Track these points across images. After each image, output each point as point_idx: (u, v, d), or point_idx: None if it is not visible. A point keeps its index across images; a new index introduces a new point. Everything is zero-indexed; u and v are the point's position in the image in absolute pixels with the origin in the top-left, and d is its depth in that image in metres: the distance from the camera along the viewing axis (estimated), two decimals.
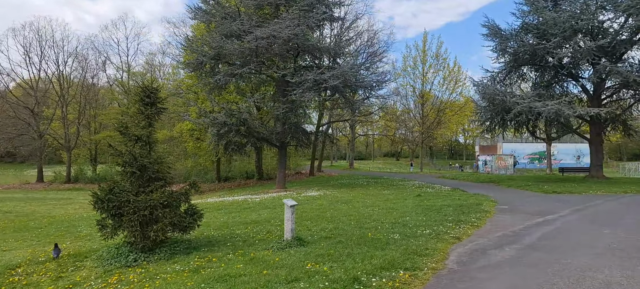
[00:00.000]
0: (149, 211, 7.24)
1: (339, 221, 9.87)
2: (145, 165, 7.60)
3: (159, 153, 8.14)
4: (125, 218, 7.15)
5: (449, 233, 7.61)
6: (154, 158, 7.89)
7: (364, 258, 5.57)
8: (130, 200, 7.23)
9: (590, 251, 6.21)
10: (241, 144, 23.37)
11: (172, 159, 34.26)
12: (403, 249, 6.13)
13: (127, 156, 7.54)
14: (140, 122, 8.00)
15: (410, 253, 5.84)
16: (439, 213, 10.64)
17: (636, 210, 11.51)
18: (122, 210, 7.22)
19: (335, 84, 20.45)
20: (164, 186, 7.90)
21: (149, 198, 7.32)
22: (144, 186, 7.64)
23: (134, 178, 7.61)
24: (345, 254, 5.88)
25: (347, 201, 15.32)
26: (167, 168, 8.17)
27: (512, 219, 9.83)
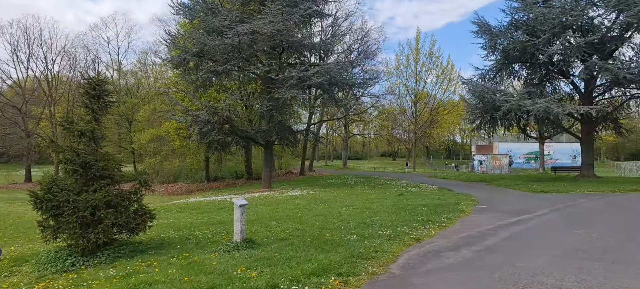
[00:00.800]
0: (89, 212, 6.82)
1: (305, 221, 9.46)
2: (89, 162, 7.18)
3: (106, 149, 7.72)
4: (63, 219, 6.73)
5: (411, 234, 7.20)
6: (100, 155, 7.48)
7: (302, 261, 5.16)
8: (69, 199, 6.81)
9: (551, 252, 5.80)
10: (225, 143, 22.96)
11: (160, 158, 33.91)
12: (350, 252, 5.72)
13: (68, 152, 7.11)
14: (85, 116, 7.58)
15: (355, 256, 5.43)
16: (411, 213, 10.23)
17: (617, 209, 11.11)
18: (61, 210, 6.81)
19: (319, 82, 20.04)
20: (110, 185, 7.47)
21: (91, 198, 6.90)
22: (88, 184, 7.22)
23: (76, 176, 7.19)
24: (286, 258, 5.47)
25: (326, 201, 14.92)
26: (116, 166, 7.75)
27: (486, 219, 9.42)
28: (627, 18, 21.05)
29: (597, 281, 4.50)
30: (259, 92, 24.94)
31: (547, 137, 34.22)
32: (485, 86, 24.55)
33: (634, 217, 9.54)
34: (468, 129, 36.65)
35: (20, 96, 38.94)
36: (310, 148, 38.85)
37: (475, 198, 14.66)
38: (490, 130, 26.06)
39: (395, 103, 45.62)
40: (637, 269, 4.99)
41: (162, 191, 33.82)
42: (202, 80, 23.10)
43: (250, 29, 20.15)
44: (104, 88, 7.70)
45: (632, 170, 48.74)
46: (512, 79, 28.24)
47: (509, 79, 27.29)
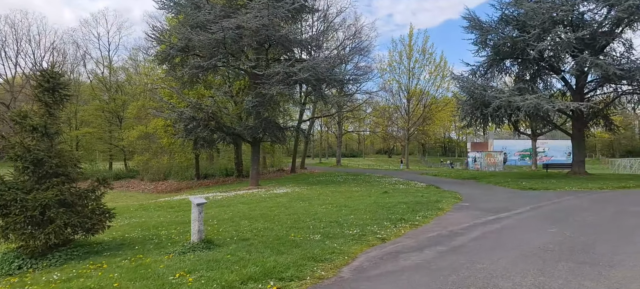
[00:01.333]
0: (39, 211, 6.50)
1: (277, 220, 9.17)
2: (41, 158, 6.85)
3: (62, 146, 7.39)
4: (10, 219, 6.40)
5: (378, 234, 6.91)
6: (54, 152, 7.14)
7: (248, 264, 4.87)
8: (17, 198, 6.49)
9: (517, 252, 5.53)
10: (211, 140, 22.62)
11: (149, 156, 33.54)
12: (305, 253, 5.43)
13: (18, 148, 6.78)
14: (38, 110, 7.24)
15: (308, 258, 5.13)
16: (388, 211, 9.95)
17: (600, 206, 10.85)
18: (9, 210, 6.48)
19: (305, 77, 19.71)
20: (65, 184, 7.14)
21: (41, 197, 6.58)
22: (40, 182, 6.89)
23: (28, 174, 6.87)
24: (235, 260, 5.18)
25: (308, 199, 14.62)
26: (72, 163, 7.42)
27: (463, 217, 9.14)
28: (617, 13, 20.79)
29: (557, 285, 4.22)
30: (246, 88, 24.61)
31: (540, 133, 34.01)
32: (475, 82, 24.29)
33: (613, 215, 9.27)
34: (458, 126, 36.39)
35: (8, 93, 38.47)
36: (302, 145, 38.55)
37: (459, 196, 14.40)
38: (480, 127, 25.80)
39: (388, 101, 45.37)
40: (601, 271, 4.71)
41: (151, 189, 33.51)
42: (189, 76, 22.75)
43: (235, 24, 19.80)
44: (58, 81, 7.37)
45: (626, 167, 48.62)
46: (503, 75, 28.00)
47: (500, 75, 27.03)
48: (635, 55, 24.36)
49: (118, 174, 40.58)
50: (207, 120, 21.13)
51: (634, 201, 12.14)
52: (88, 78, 44.80)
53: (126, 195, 30.77)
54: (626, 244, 6.11)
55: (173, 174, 36.20)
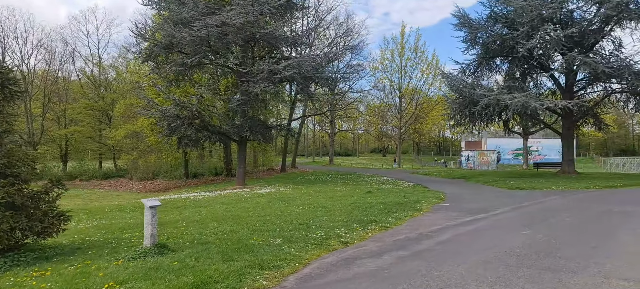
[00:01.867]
0: None
1: (246, 222, 8.86)
2: None
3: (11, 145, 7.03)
4: None
5: (343, 237, 6.61)
6: (3, 152, 6.79)
7: (187, 274, 4.56)
8: None
9: (480, 258, 5.24)
10: (196, 139, 22.26)
11: (136, 155, 33.12)
12: (256, 259, 5.13)
13: None
14: None
15: (255, 265, 4.83)
16: (364, 212, 9.67)
17: (582, 207, 10.61)
18: None
19: (289, 75, 19.39)
20: (15, 185, 6.79)
21: None
22: None
23: None
24: (179, 268, 4.87)
25: (288, 199, 14.31)
26: (25, 163, 7.06)
27: (439, 218, 8.87)
28: (606, 10, 20.59)
29: None
30: (233, 86, 24.26)
31: (531, 132, 33.85)
32: (463, 80, 24.05)
33: (593, 216, 9.03)
34: (444, 124, 36.17)
35: None
36: (292, 144, 38.24)
37: (443, 196, 14.15)
38: (469, 126, 25.57)
39: (381, 99, 45.11)
40: (562, 277, 4.44)
41: (139, 188, 33.11)
42: (174, 73, 22.39)
43: (219, 21, 19.45)
44: (7, 77, 7.01)
45: (618, 166, 48.64)
46: (494, 74, 27.73)
47: (491, 74, 26.78)
48: (624, 53, 24.23)
49: (107, 173, 40.13)
50: (191, 119, 20.77)
51: (618, 201, 11.91)
52: (77, 76, 44.24)
53: (112, 194, 30.36)
54: (597, 248, 5.85)
55: (162, 173, 35.79)
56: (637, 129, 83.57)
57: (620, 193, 14.93)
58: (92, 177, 38.42)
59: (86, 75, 42.36)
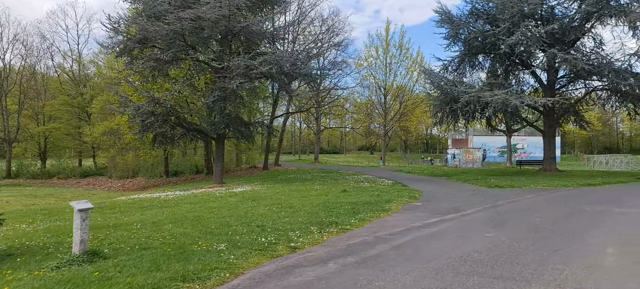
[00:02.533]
0: None
1: (202, 224, 8.39)
2: None
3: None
4: None
5: (293, 242, 6.18)
6: None
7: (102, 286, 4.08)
8: None
9: (432, 264, 4.86)
10: (172, 136, 21.64)
11: (114, 152, 32.30)
12: (183, 269, 4.67)
13: None
14: None
15: (179, 277, 4.37)
16: (330, 212, 9.25)
17: (555, 206, 10.34)
18: None
19: (266, 71, 18.88)
20: None
21: None
22: None
23: None
24: (94, 281, 4.39)
25: (259, 198, 13.84)
26: None
27: (405, 219, 8.49)
28: (587, 7, 20.45)
29: None
30: (211, 82, 23.66)
31: (515, 130, 33.81)
32: (444, 77, 23.78)
33: (564, 216, 8.74)
34: (431, 121, 36.00)
35: None
36: (276, 142, 37.74)
37: (418, 194, 13.81)
38: (451, 123, 25.34)
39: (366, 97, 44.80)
40: (514, 287, 4.06)
41: (118, 187, 32.31)
42: (150, 69, 21.74)
43: (193, 15, 18.87)
44: None
45: (601, 164, 49.06)
46: (477, 71, 27.55)
47: (473, 71, 26.57)
48: (606, 50, 24.23)
49: (86, 171, 39.19)
50: (166, 115, 20.17)
51: (594, 200, 11.69)
52: (55, 72, 43.09)
53: (88, 193, 29.53)
54: (559, 252, 5.51)
55: (142, 171, 35.01)
56: (621, 127, 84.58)
57: (598, 191, 14.76)
58: (70, 175, 37.45)
59: (64, 71, 41.26)
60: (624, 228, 7.42)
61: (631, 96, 22.28)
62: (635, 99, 22.23)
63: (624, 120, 71.81)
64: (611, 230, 7.29)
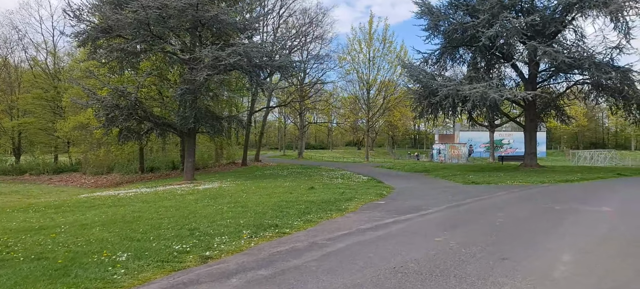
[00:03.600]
0: None
1: (132, 227, 7.62)
2: None
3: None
4: None
5: (212, 250, 5.43)
6: None
7: None
8: None
9: (354, 279, 4.14)
10: (139, 131, 20.69)
11: (85, 148, 31.18)
12: (53, 286, 3.88)
13: None
14: None
15: None
16: (280, 212, 8.53)
17: (523, 205, 9.74)
18: None
19: (234, 62, 18.00)
20: None
21: None
22: None
23: None
24: None
25: (219, 196, 13.08)
26: None
27: (357, 220, 7.79)
28: None
29: None
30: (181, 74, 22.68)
31: (497, 125, 33.38)
32: (423, 70, 23.12)
33: (529, 216, 8.13)
34: (411, 115, 35.44)
35: None
36: (255, 137, 36.89)
37: (387, 191, 13.14)
38: (431, 118, 24.72)
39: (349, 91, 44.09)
40: None
41: (90, 184, 31.22)
42: (116, 60, 20.75)
43: (158, 3, 17.91)
44: None
45: (586, 159, 49.09)
46: (458, 64, 26.91)
47: (454, 64, 25.94)
48: (588, 43, 23.80)
49: (61, 168, 37.97)
50: (131, 109, 19.21)
51: (566, 198, 11.11)
52: (29, 65, 41.61)
53: (58, 189, 28.46)
54: (507, 260, 4.84)
55: (117, 167, 33.93)
56: (607, 122, 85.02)
57: (573, 188, 14.24)
58: (43, 172, 36.22)
59: (38, 64, 39.82)
60: (589, 230, 6.80)
61: (612, 90, 21.85)
62: (616, 93, 21.81)
63: (609, 116, 72.14)
64: (575, 231, 6.66)
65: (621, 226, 7.17)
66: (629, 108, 22.11)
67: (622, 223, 7.41)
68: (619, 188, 13.98)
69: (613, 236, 6.38)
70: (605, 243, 5.90)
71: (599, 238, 6.23)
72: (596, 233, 6.61)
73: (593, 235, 6.47)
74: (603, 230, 6.82)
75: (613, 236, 6.38)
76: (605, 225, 7.27)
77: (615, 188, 13.72)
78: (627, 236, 6.34)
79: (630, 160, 45.84)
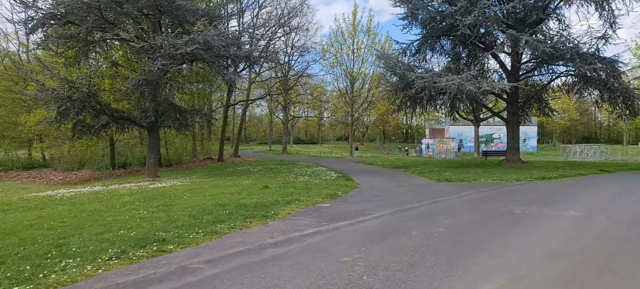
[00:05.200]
0: None
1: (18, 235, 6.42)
2: None
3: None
4: None
5: (69, 271, 4.26)
6: None
7: None
8: None
9: None
10: (94, 125, 19.37)
11: (49, 143, 29.83)
12: None
13: None
14: None
15: None
16: (193, 219, 7.38)
17: (476, 210, 8.62)
18: None
19: (192, 51, 16.72)
20: None
21: None
22: None
23: None
24: None
25: (162, 195, 11.91)
26: None
27: (276, 230, 6.64)
28: None
29: None
30: None
31: (482, 119, 32.24)
32: (399, 61, 21.91)
33: (475, 223, 7.01)
34: (390, 108, 34.26)
35: None
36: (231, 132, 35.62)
37: (342, 192, 11.95)
38: (409, 111, 23.55)
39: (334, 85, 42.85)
40: None
41: (59, 180, 29.94)
42: (68, 48, 19.41)
43: None
44: None
45: (575, 154, 48.24)
46: (439, 56, 25.67)
47: (433, 55, 24.70)
48: (573, 34, 22.67)
49: (32, 163, 36.63)
50: (84, 101, 17.89)
51: (533, 199, 10.00)
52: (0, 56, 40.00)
53: (23, 186, 27.17)
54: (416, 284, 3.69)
55: (89, 163, 32.67)
56: (600, 117, 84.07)
57: (548, 186, 13.15)
58: (12, 167, 34.87)
59: (8, 55, 38.27)
60: (539, 243, 5.68)
61: (597, 82, 20.76)
62: (601, 85, 20.70)
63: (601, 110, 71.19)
64: (521, 244, 5.54)
65: (581, 237, 6.06)
66: (615, 102, 21.03)
67: (583, 233, 6.30)
68: (597, 186, 12.93)
69: (565, 251, 5.26)
70: (551, 262, 4.77)
71: (547, 254, 5.11)
72: (547, 246, 5.49)
73: (542, 249, 5.35)
74: (556, 243, 5.69)
75: (565, 251, 5.26)
76: (561, 235, 6.14)
77: (592, 187, 12.66)
78: (584, 252, 5.23)
79: (620, 154, 45.02)
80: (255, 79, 32.70)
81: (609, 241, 5.79)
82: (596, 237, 6.03)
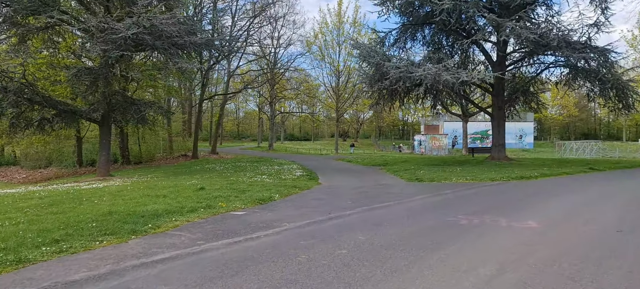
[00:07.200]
0: None
1: None
2: None
3: None
4: None
5: None
6: None
7: None
8: None
9: None
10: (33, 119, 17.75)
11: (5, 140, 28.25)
12: None
13: None
14: None
15: None
16: (41, 235, 5.79)
17: (418, 220, 7.02)
18: None
19: (133, 36, 15.06)
20: None
21: None
22: None
23: None
24: None
25: (77, 199, 10.32)
26: None
27: (131, 253, 5.05)
28: None
29: None
30: None
31: (471, 114, 30.64)
32: (374, 49, 20.26)
33: (397, 242, 5.40)
34: (366, 102, 32.62)
35: None
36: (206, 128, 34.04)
37: (288, 194, 10.39)
38: (387, 104, 21.93)
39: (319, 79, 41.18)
40: None
41: (22, 178, 28.43)
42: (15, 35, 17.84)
43: None
44: None
45: (572, 150, 46.55)
46: (420, 45, 23.99)
47: (414, 44, 23.00)
48: (564, 22, 21.01)
49: (1, 161, 35.19)
50: (19, 92, 16.30)
51: (495, 204, 8.40)
52: None
53: None
54: None
55: (57, 161, 31.17)
56: (599, 112, 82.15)
57: (522, 187, 11.55)
58: None
59: None
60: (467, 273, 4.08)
61: (588, 73, 19.10)
62: (592, 76, 19.04)
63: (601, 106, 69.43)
64: (440, 276, 3.94)
65: (523, 261, 4.45)
66: (607, 94, 19.36)
67: (530, 254, 4.69)
68: (576, 188, 11.35)
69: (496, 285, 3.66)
70: None
71: None
72: (473, 278, 3.88)
73: (467, 281, 3.76)
74: (489, 270, 4.09)
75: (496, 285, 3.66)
76: (500, 257, 4.53)
77: (569, 189, 11.08)
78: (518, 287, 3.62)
79: (618, 151, 43.31)
80: (234, 72, 31.01)
81: (558, 269, 4.18)
82: (545, 262, 4.41)
